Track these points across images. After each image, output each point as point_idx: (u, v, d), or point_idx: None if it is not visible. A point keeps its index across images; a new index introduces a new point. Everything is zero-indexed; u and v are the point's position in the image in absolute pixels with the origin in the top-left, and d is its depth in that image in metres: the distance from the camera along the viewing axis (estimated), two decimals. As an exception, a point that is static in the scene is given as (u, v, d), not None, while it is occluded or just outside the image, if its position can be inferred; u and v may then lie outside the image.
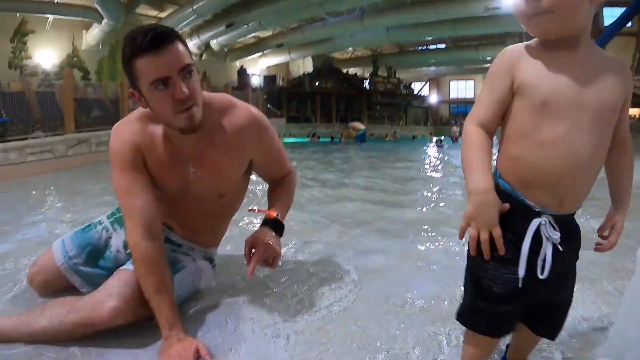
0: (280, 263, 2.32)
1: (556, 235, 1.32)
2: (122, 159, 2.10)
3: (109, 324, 1.86)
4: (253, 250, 2.19)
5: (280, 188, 2.50)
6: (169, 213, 2.31)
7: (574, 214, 1.41)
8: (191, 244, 2.40)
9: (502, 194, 1.36)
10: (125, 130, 2.14)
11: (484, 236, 1.31)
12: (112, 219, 2.49)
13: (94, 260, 2.36)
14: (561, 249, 1.33)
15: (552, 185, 1.32)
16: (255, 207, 2.62)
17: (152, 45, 1.82)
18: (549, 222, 1.33)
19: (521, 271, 1.31)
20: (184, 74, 1.90)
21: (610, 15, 19.90)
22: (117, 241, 2.41)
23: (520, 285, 1.32)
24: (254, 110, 2.28)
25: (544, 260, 1.32)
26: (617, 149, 1.42)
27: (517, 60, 1.37)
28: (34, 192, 6.20)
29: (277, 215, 2.34)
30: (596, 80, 1.31)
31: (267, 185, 2.57)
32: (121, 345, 1.89)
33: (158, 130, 2.13)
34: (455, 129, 23.43)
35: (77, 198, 5.64)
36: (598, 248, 1.48)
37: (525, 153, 1.33)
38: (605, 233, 1.47)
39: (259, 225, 2.34)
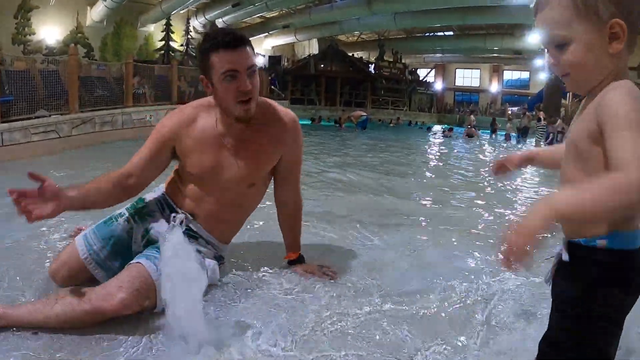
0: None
1: None
2: (155, 135, 2.52)
3: (117, 313, 2.04)
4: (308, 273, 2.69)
5: (294, 222, 2.83)
6: (199, 197, 2.54)
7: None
8: (208, 235, 2.56)
9: None
10: (174, 116, 2.55)
11: None
12: (132, 211, 2.58)
13: (118, 253, 2.45)
14: None
15: None
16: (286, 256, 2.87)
17: (229, 43, 2.26)
18: None
19: None
20: (250, 72, 2.31)
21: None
22: (137, 234, 2.53)
23: None
24: (292, 113, 2.65)
25: None
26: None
27: None
28: (47, 172, 6.03)
29: (300, 254, 2.82)
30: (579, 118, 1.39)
31: (278, 213, 2.84)
32: (126, 332, 2.04)
33: (207, 117, 2.50)
34: (472, 117, 23.07)
35: (83, 177, 5.54)
36: None
37: None
38: None
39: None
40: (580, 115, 1.40)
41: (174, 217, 2.47)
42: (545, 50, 1.39)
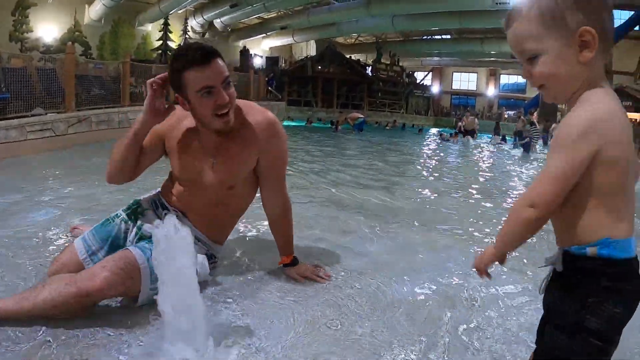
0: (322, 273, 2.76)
1: None
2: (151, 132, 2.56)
3: (102, 292, 2.08)
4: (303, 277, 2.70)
5: (284, 224, 2.80)
6: (185, 198, 2.61)
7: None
8: (200, 233, 2.60)
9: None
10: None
11: None
12: (128, 212, 2.63)
13: (114, 251, 2.43)
14: None
15: None
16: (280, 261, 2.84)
17: (201, 59, 2.25)
18: None
19: None
20: (225, 85, 2.32)
21: (618, 17, 19.84)
22: (131, 234, 2.55)
23: None
24: (270, 114, 2.62)
25: None
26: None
27: None
28: (43, 171, 6.17)
29: (294, 256, 2.79)
30: None
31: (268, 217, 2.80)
32: (113, 324, 2.07)
33: (192, 121, 2.50)
34: (477, 121, 22.39)
35: (80, 177, 5.61)
36: None
37: None
38: None
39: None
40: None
41: (166, 213, 2.50)
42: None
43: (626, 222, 1.31)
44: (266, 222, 2.85)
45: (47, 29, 22.79)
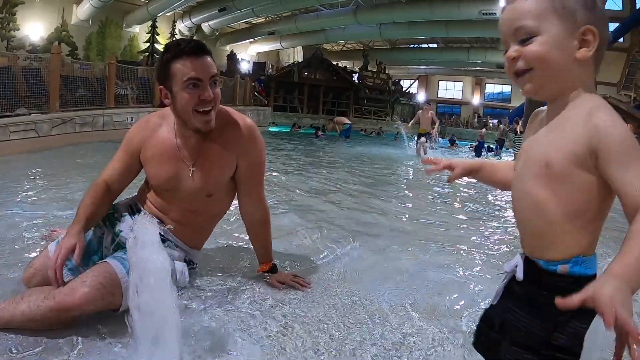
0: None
1: None
2: (125, 145, 2.57)
3: (81, 308, 2.02)
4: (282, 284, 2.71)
5: (261, 232, 2.81)
6: (162, 205, 2.58)
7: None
8: (177, 240, 2.58)
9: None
10: (141, 124, 2.59)
11: None
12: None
13: (90, 259, 2.41)
14: None
15: None
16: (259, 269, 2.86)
17: (193, 51, 2.26)
18: None
19: None
20: (212, 82, 2.32)
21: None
22: (107, 239, 2.52)
23: None
24: (249, 119, 2.62)
25: None
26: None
27: None
28: (24, 171, 6.12)
29: (273, 263, 2.83)
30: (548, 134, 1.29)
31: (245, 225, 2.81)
32: (92, 334, 2.05)
33: (168, 128, 2.51)
34: (484, 131, 21.37)
35: (62, 178, 5.63)
36: None
37: None
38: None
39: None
40: (548, 127, 1.31)
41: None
42: (504, 50, 1.32)
43: (597, 239, 1.28)
44: (244, 228, 2.84)
45: (34, 28, 22.58)
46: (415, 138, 14.24)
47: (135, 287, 1.83)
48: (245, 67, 32.05)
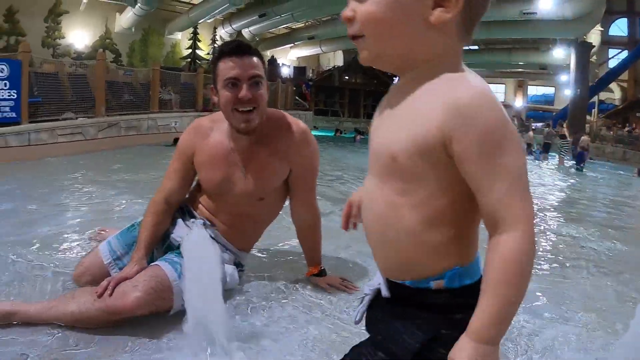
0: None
1: None
2: (178, 150, 2.57)
3: (132, 312, 2.04)
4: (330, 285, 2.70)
5: (311, 236, 2.78)
6: (213, 208, 2.58)
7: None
8: (227, 242, 2.57)
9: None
10: (192, 130, 2.57)
11: None
12: None
13: None
14: None
15: None
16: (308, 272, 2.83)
17: (233, 51, 2.30)
18: None
19: None
20: (252, 82, 2.31)
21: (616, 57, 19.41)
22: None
23: None
24: (302, 124, 2.59)
25: None
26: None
27: None
28: (71, 173, 6.19)
29: (322, 267, 2.79)
30: (394, 121, 1.03)
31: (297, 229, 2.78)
32: (138, 334, 2.04)
33: (220, 132, 2.49)
34: (531, 134, 19.97)
35: (108, 180, 5.65)
36: None
37: None
38: None
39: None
40: (394, 110, 1.04)
41: (193, 222, 2.45)
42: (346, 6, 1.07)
43: (476, 241, 1.06)
44: (293, 230, 2.81)
45: (79, 36, 23.13)
46: None
47: (189, 290, 1.92)
48: (285, 71, 32.15)
